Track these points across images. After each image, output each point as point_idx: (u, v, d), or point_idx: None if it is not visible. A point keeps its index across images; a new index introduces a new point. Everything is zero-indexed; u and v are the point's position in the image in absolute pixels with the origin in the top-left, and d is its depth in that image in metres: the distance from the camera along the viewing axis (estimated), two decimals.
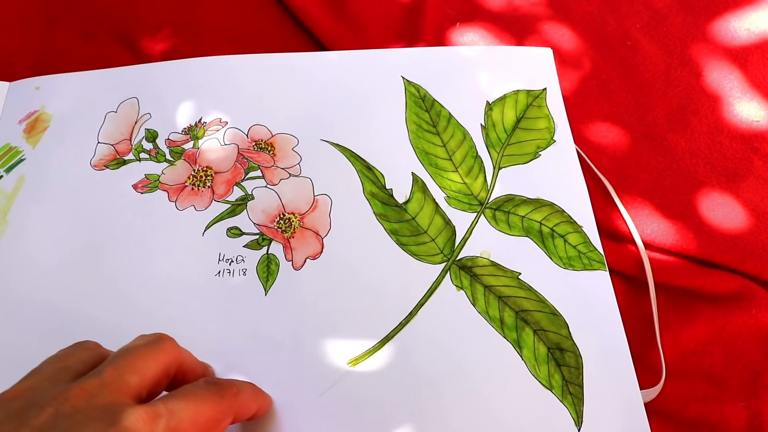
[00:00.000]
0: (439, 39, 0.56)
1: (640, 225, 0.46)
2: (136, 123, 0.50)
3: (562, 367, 0.40)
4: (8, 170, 0.48)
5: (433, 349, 0.41)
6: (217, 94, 0.51)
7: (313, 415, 0.38)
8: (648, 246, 0.46)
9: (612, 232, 0.46)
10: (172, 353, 0.33)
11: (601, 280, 0.43)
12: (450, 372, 0.40)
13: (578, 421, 0.38)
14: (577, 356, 0.40)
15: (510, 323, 0.41)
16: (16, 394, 0.29)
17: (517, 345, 0.41)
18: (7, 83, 0.53)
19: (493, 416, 0.38)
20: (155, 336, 0.33)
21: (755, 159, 0.49)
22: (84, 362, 0.32)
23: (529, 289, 0.43)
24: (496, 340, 0.41)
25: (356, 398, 0.39)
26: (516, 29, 0.57)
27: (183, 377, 0.34)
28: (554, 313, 0.42)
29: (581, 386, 0.39)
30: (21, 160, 0.48)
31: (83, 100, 0.51)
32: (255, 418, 0.37)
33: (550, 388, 0.39)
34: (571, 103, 0.52)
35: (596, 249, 0.45)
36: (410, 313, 0.42)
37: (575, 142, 0.50)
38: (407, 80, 0.52)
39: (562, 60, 0.55)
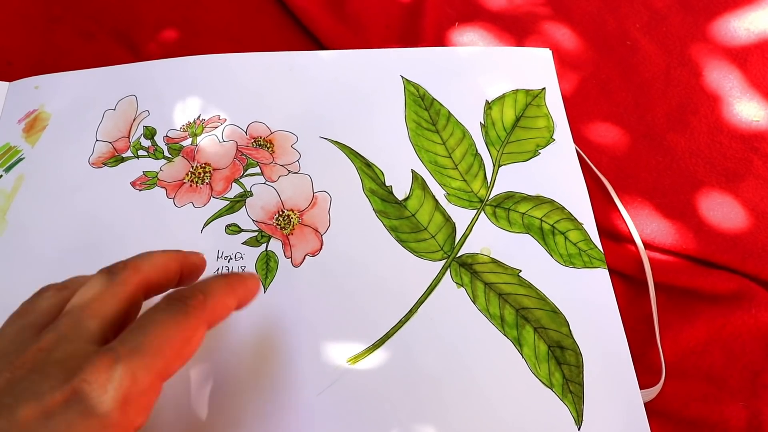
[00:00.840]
0: (439, 39, 0.56)
1: (640, 225, 0.46)
2: (134, 120, 0.50)
3: (562, 365, 0.40)
4: (7, 170, 0.48)
5: (433, 347, 0.40)
6: (215, 91, 0.51)
7: (313, 413, 0.38)
8: (648, 246, 0.46)
9: (612, 232, 0.46)
10: (132, 283, 0.31)
11: (601, 278, 0.43)
12: (450, 370, 0.40)
13: (578, 420, 0.38)
14: (578, 354, 0.40)
15: (510, 321, 0.41)
16: None
17: (518, 343, 0.41)
18: (7, 83, 0.52)
19: (494, 414, 0.38)
20: (112, 268, 0.31)
21: (755, 159, 0.49)
22: (45, 313, 0.30)
23: (530, 286, 0.43)
24: (496, 338, 0.41)
25: (356, 396, 0.39)
26: (516, 29, 0.57)
27: (155, 295, 0.32)
28: (554, 311, 0.42)
29: (581, 385, 0.39)
30: (20, 160, 0.48)
31: (82, 99, 0.51)
32: (239, 308, 0.33)
33: (551, 386, 0.39)
34: (570, 102, 0.52)
35: (596, 246, 0.45)
36: (410, 310, 0.42)
37: (575, 142, 0.50)
38: (406, 80, 0.52)
39: (561, 60, 0.55)
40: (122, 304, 0.30)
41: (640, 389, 0.39)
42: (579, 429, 0.38)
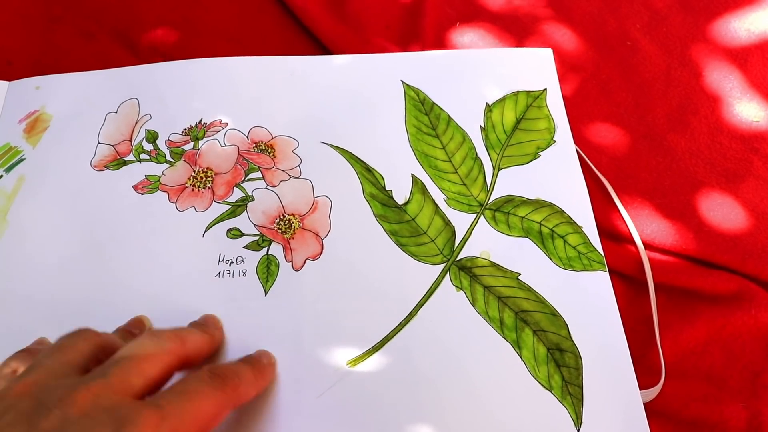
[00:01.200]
0: (439, 39, 0.56)
1: (640, 225, 0.46)
2: (136, 123, 0.50)
3: (561, 367, 0.40)
4: (8, 170, 0.48)
5: (432, 350, 0.41)
6: (217, 95, 0.51)
7: (313, 416, 0.38)
8: (648, 246, 0.46)
9: (612, 233, 0.47)
10: (177, 354, 0.33)
11: (601, 280, 0.43)
12: (449, 372, 0.40)
13: (578, 422, 0.38)
14: (577, 357, 0.40)
15: (509, 324, 0.41)
16: (22, 391, 0.29)
17: (517, 345, 0.41)
18: (7, 82, 0.52)
19: (493, 417, 0.38)
20: (160, 334, 0.34)
21: (755, 159, 0.49)
22: (85, 355, 0.32)
23: (529, 289, 0.43)
24: (495, 341, 0.41)
25: (356, 399, 0.39)
26: (516, 29, 0.57)
27: (188, 368, 0.35)
28: (554, 314, 0.42)
29: (581, 387, 0.39)
30: (21, 160, 0.48)
31: (83, 100, 0.51)
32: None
33: (550, 388, 0.39)
34: (570, 103, 0.52)
35: (596, 249, 0.45)
36: (410, 313, 0.42)
37: (575, 143, 0.50)
38: (406, 84, 0.52)
39: (562, 60, 0.55)
40: (164, 370, 0.32)
41: (640, 389, 0.39)
42: (578, 430, 0.38)
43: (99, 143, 0.49)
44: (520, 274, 0.43)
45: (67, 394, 0.28)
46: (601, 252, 0.45)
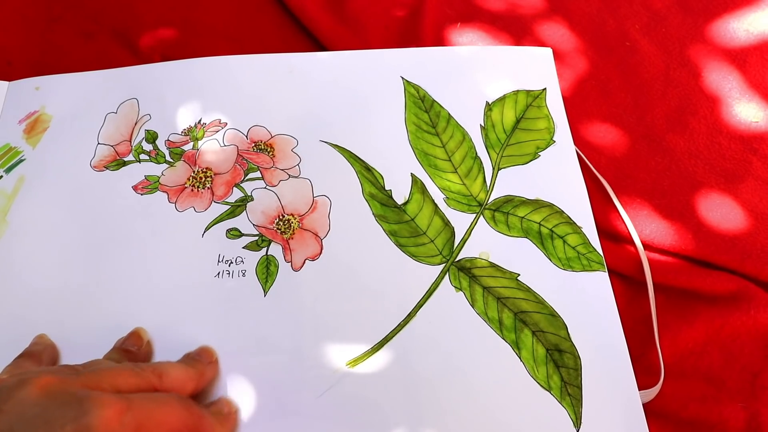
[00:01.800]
0: (438, 39, 0.56)
1: (639, 225, 0.46)
2: (135, 124, 0.50)
3: (560, 368, 0.40)
4: (8, 170, 0.48)
5: (431, 351, 0.41)
6: (216, 94, 0.51)
7: (312, 416, 0.38)
8: (647, 246, 0.46)
9: (611, 233, 0.47)
10: (153, 388, 0.34)
11: (600, 280, 0.43)
12: (449, 373, 0.40)
13: (577, 423, 0.38)
14: (576, 357, 0.40)
15: (509, 324, 0.41)
16: None
17: (516, 346, 0.41)
18: (7, 83, 0.53)
19: (492, 417, 0.38)
20: (140, 371, 0.34)
21: (754, 160, 0.49)
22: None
23: (528, 290, 0.43)
24: (494, 341, 0.41)
25: (355, 399, 0.39)
26: (515, 30, 0.57)
27: None
28: (553, 314, 0.42)
29: (580, 387, 0.39)
30: (21, 161, 0.48)
31: (83, 101, 0.51)
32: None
33: (549, 389, 0.39)
34: (570, 103, 0.52)
35: (595, 250, 0.45)
36: (409, 314, 0.42)
37: (574, 143, 0.50)
38: (407, 81, 0.52)
39: (561, 60, 0.55)
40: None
41: (639, 390, 0.40)
42: (577, 431, 0.38)
43: (99, 144, 0.49)
44: (519, 275, 0.43)
45: (30, 379, 0.29)
46: (601, 252, 0.45)
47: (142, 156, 0.48)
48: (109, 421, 0.28)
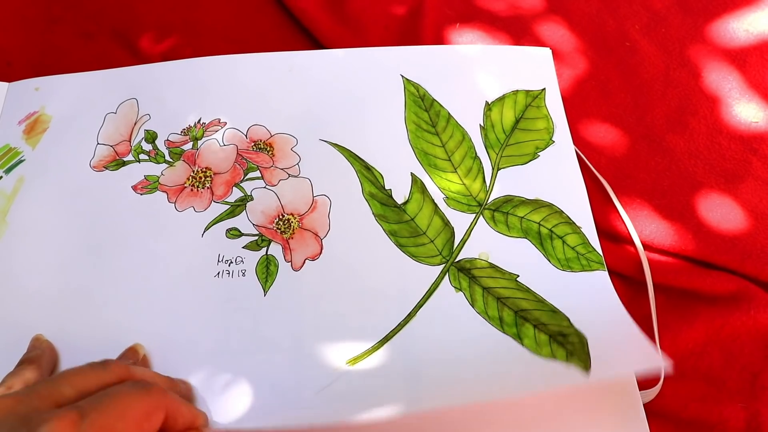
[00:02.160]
0: (438, 40, 0.56)
1: (639, 226, 0.46)
2: (135, 124, 0.50)
3: (566, 345, 0.40)
4: (8, 171, 0.48)
5: (431, 350, 0.40)
6: (216, 94, 0.51)
7: (312, 415, 0.38)
8: (647, 247, 0.46)
9: (611, 233, 0.46)
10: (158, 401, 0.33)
11: (600, 280, 0.43)
12: (450, 370, 0.40)
13: (586, 367, 0.38)
14: (581, 336, 0.40)
15: (509, 321, 0.41)
16: None
17: (518, 337, 0.41)
18: (7, 84, 0.52)
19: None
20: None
21: (754, 160, 0.49)
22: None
23: (527, 290, 0.43)
24: (495, 336, 0.41)
25: (355, 397, 0.39)
26: (515, 30, 0.57)
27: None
28: (553, 311, 0.42)
29: (587, 355, 0.39)
30: (20, 161, 0.48)
31: (83, 101, 0.51)
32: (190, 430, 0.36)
33: (554, 358, 0.39)
34: (570, 103, 0.52)
35: (595, 250, 0.45)
36: (409, 314, 0.42)
37: (574, 143, 0.50)
38: (406, 79, 0.52)
39: (561, 61, 0.55)
40: (100, 386, 0.32)
41: (640, 390, 0.39)
42: (589, 371, 0.38)
43: (98, 144, 0.49)
44: (518, 276, 0.43)
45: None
46: (600, 252, 0.44)
47: (142, 156, 0.48)
48: None
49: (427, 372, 0.40)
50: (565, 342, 0.40)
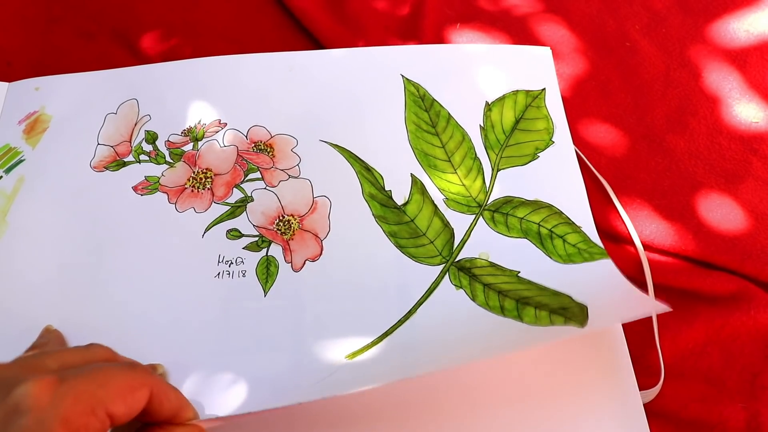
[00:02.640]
0: (438, 40, 0.56)
1: (639, 226, 0.46)
2: (135, 125, 0.50)
3: (566, 314, 0.40)
4: (7, 171, 0.48)
5: (432, 345, 0.40)
6: (216, 94, 0.51)
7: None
8: (647, 247, 0.46)
9: (611, 233, 0.47)
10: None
11: (606, 267, 0.43)
12: (451, 363, 0.40)
13: (583, 318, 0.39)
14: (582, 307, 0.40)
15: (510, 307, 0.41)
16: None
17: (519, 318, 0.41)
18: (7, 83, 0.52)
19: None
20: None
21: (754, 160, 0.49)
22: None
23: (529, 283, 0.43)
24: (496, 321, 0.41)
25: (352, 389, 0.38)
26: (515, 30, 0.57)
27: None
28: (555, 294, 0.42)
29: (586, 314, 0.39)
30: (20, 161, 0.48)
31: (83, 102, 0.51)
32: (175, 421, 0.35)
33: (552, 324, 0.40)
34: (570, 104, 0.52)
35: (596, 245, 0.44)
36: (409, 311, 0.42)
37: (574, 143, 0.50)
38: (406, 78, 0.52)
39: (561, 61, 0.55)
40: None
41: (640, 390, 0.40)
42: (586, 323, 0.39)
43: (98, 144, 0.49)
44: (519, 272, 0.43)
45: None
46: (601, 246, 0.44)
47: (142, 156, 0.48)
48: (39, 396, 0.27)
49: (429, 365, 0.40)
50: (566, 313, 0.40)
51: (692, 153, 0.50)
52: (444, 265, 0.44)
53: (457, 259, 0.44)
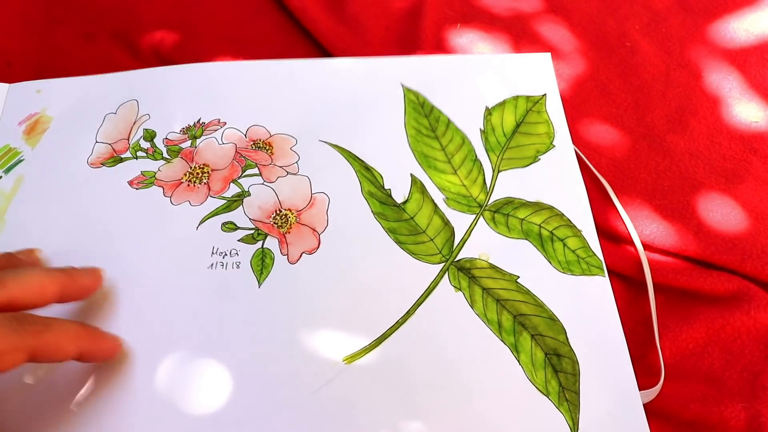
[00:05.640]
0: (438, 40, 0.56)
1: (639, 226, 0.46)
2: (134, 123, 0.50)
3: (558, 373, 0.40)
4: (7, 171, 0.48)
5: (429, 349, 0.40)
6: (217, 98, 0.51)
7: (306, 411, 0.38)
8: (647, 247, 0.46)
9: (611, 233, 0.46)
10: None
11: (600, 285, 0.43)
12: (446, 373, 0.40)
13: (574, 429, 0.38)
14: (574, 362, 0.40)
15: (507, 327, 0.41)
16: None
17: (515, 349, 0.40)
18: (7, 85, 0.52)
19: (488, 420, 0.38)
20: None
21: (754, 160, 0.49)
22: None
23: (528, 293, 0.42)
24: (493, 343, 0.41)
25: (351, 396, 0.39)
26: (515, 30, 0.57)
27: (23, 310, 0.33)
28: (552, 318, 0.41)
29: (577, 393, 0.39)
30: (20, 161, 0.48)
31: (84, 103, 0.51)
32: (94, 361, 0.35)
33: (547, 394, 0.39)
34: (570, 104, 0.52)
35: (595, 254, 0.44)
36: (408, 311, 0.41)
37: (574, 143, 0.50)
38: (406, 87, 0.52)
39: (561, 61, 0.55)
40: None
41: (640, 390, 0.39)
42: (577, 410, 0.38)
43: (96, 142, 0.49)
44: (519, 277, 0.43)
45: None
46: (601, 257, 0.44)
47: (140, 153, 0.48)
48: None
49: (425, 372, 0.40)
50: (559, 368, 0.40)
51: (692, 153, 0.50)
52: (444, 263, 0.43)
53: (457, 259, 0.44)
